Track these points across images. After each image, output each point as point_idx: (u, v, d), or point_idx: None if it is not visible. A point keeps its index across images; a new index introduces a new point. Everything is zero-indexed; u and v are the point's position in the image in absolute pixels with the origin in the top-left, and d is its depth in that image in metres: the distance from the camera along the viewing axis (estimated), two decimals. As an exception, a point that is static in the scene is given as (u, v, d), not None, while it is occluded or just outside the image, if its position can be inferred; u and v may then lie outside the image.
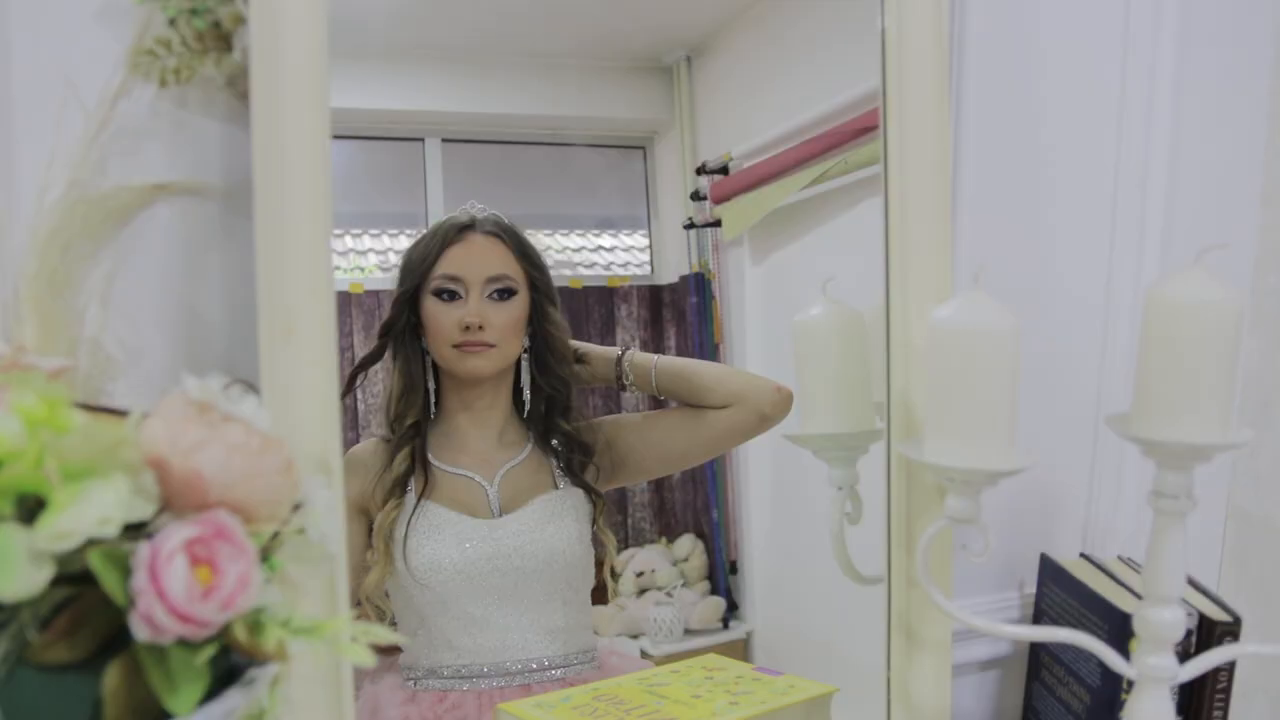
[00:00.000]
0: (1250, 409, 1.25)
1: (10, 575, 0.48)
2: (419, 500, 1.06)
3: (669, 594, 1.28)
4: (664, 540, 1.32)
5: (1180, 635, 0.81)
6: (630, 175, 1.30)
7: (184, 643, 0.52)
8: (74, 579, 0.51)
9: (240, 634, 0.53)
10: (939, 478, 0.86)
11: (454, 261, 1.08)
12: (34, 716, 0.50)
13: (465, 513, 1.07)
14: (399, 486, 1.06)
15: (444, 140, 1.19)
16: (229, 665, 0.56)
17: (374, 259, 1.19)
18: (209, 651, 0.53)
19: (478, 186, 1.19)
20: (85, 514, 0.50)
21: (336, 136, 0.78)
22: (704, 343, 1.28)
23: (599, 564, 1.14)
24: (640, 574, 1.29)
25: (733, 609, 1.30)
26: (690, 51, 1.25)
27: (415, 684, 1.06)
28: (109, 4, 0.77)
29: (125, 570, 0.51)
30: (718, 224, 1.26)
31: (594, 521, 1.13)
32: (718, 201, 1.25)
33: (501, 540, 1.06)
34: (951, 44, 1.07)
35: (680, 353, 1.28)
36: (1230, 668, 0.97)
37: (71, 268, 0.71)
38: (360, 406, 1.14)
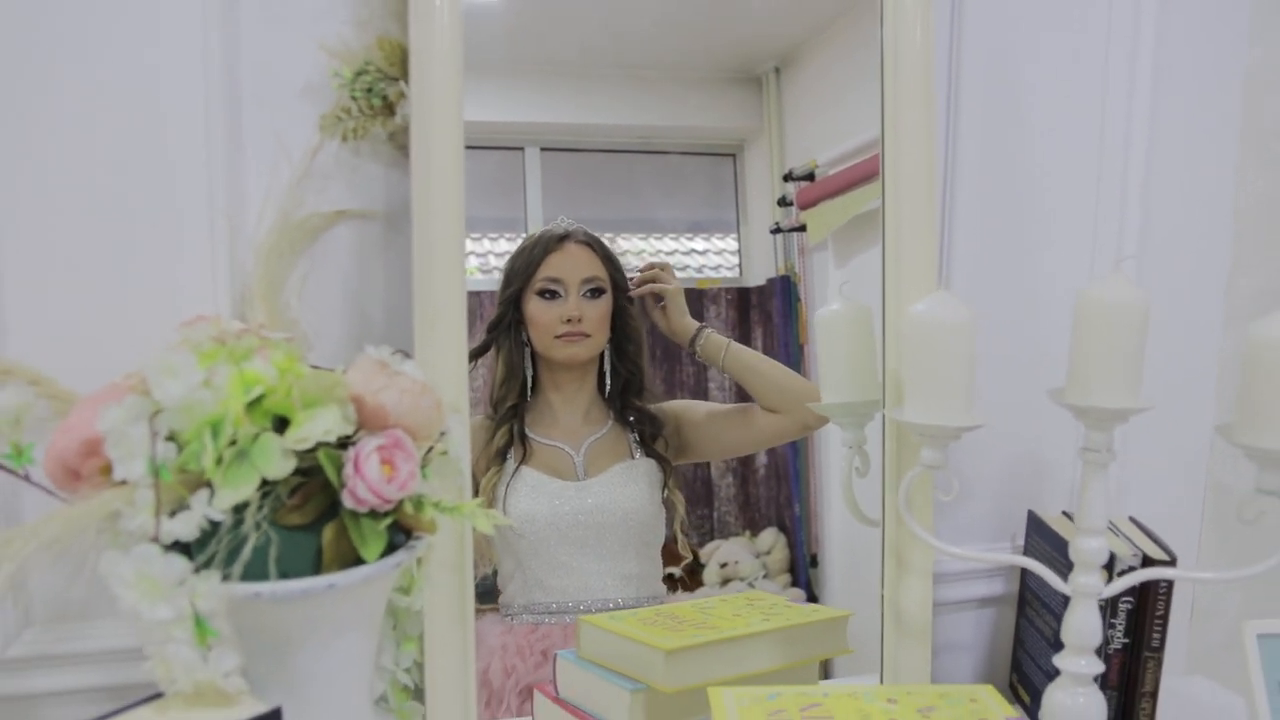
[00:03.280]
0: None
1: (272, 462, 0.70)
2: (518, 466, 1.18)
3: (751, 585, 1.32)
4: (748, 533, 1.35)
5: (1104, 559, 0.95)
6: (720, 181, 1.32)
7: (373, 513, 0.73)
8: (304, 471, 0.71)
9: (408, 509, 0.75)
10: (915, 434, 0.98)
11: (555, 266, 1.20)
12: (282, 557, 0.71)
13: (556, 476, 1.19)
14: (500, 456, 1.19)
15: (543, 149, 1.24)
16: (393, 542, 0.77)
17: (475, 261, 1.23)
18: (388, 520, 0.74)
19: (575, 193, 1.24)
20: (315, 428, 0.70)
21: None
22: (789, 343, 1.30)
23: (669, 523, 1.24)
24: (724, 565, 1.33)
25: (812, 601, 1.32)
26: (779, 63, 1.27)
27: (512, 619, 1.18)
28: (308, 85, 0.99)
29: (339, 464, 0.72)
30: (803, 228, 1.28)
31: (664, 486, 1.23)
32: (804, 207, 1.28)
33: (585, 499, 1.19)
34: (950, 77, 1.18)
35: (766, 352, 1.30)
36: (1167, 597, 1.08)
37: (282, 272, 0.95)
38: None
